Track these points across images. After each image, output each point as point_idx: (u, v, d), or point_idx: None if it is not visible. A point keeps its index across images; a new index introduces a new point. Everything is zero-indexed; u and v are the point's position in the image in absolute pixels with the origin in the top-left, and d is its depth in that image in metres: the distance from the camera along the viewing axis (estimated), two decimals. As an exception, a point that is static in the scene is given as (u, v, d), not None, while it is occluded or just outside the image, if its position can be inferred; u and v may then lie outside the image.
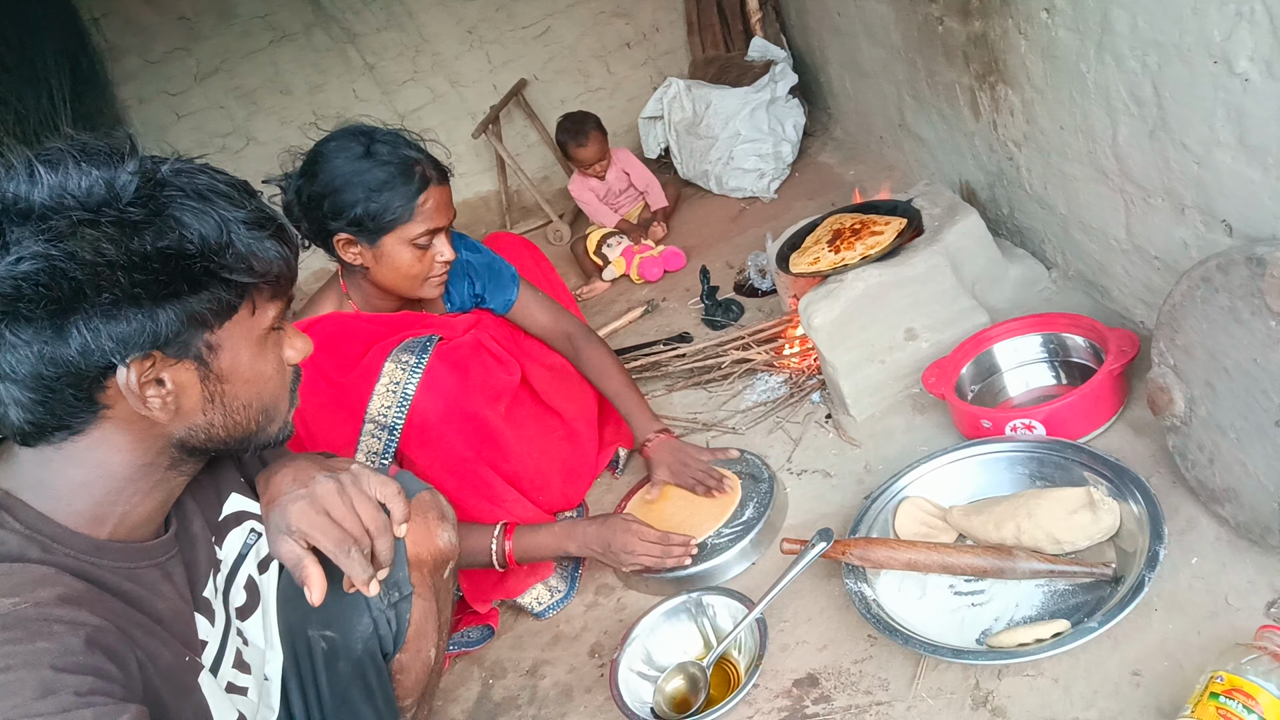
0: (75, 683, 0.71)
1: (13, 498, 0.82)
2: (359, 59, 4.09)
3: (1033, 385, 1.60)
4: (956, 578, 1.26)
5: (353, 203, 1.47)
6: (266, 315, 0.89)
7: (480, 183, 4.38)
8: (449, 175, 1.58)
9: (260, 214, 0.86)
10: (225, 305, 0.84)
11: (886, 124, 2.69)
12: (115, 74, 3.96)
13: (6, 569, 0.76)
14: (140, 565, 0.87)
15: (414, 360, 1.54)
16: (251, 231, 0.84)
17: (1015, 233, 1.96)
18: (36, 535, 0.80)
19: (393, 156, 1.49)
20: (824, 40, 3.12)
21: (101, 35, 3.89)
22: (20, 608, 0.72)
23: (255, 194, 0.89)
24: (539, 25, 4.14)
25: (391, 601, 1.12)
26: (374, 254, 1.54)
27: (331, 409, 1.52)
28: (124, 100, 4.01)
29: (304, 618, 1.11)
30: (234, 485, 1.07)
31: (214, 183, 0.84)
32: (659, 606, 1.43)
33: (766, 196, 3.26)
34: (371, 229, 1.50)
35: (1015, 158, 1.80)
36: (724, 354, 2.20)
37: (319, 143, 1.53)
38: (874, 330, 1.73)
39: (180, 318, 0.81)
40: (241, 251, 0.83)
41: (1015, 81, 1.66)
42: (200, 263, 0.80)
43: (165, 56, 3.98)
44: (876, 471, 1.61)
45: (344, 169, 1.47)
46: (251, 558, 1.05)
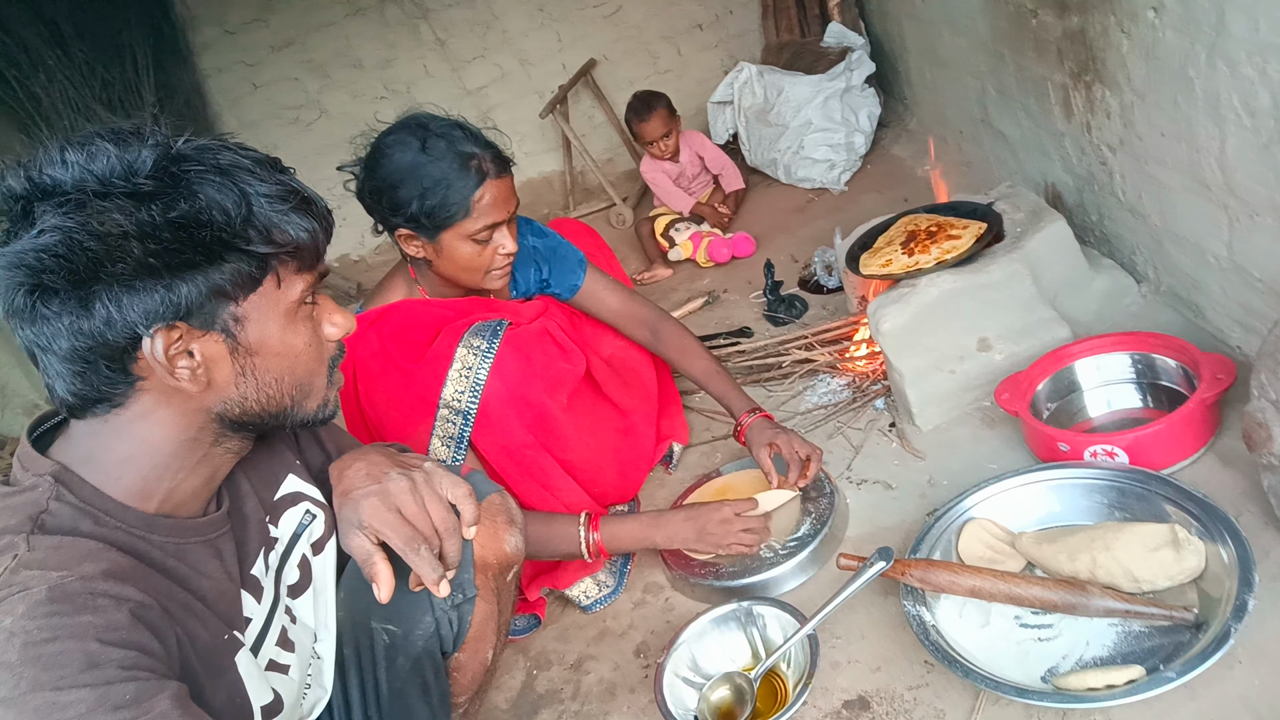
0: (119, 656, 0.72)
1: (69, 472, 0.83)
2: (430, 34, 4.10)
3: (1116, 408, 1.52)
4: (1024, 609, 1.20)
5: (409, 199, 1.46)
6: (294, 288, 0.88)
7: (545, 162, 4.37)
8: (510, 165, 1.56)
9: (285, 188, 0.86)
10: (247, 277, 0.83)
11: (966, 118, 2.58)
12: (195, 43, 4.04)
13: (56, 542, 0.77)
14: (190, 541, 0.88)
15: (485, 345, 1.53)
16: (274, 204, 0.84)
17: (1103, 241, 1.86)
18: (89, 508, 0.82)
19: (449, 151, 1.47)
20: (903, 28, 3.00)
21: (183, 4, 3.97)
22: (67, 581, 0.73)
23: (284, 170, 0.89)
24: (609, 4, 4.09)
25: (455, 603, 1.12)
26: (434, 248, 1.53)
27: (402, 396, 1.53)
28: (203, 69, 4.10)
29: (368, 610, 1.11)
30: (290, 467, 1.08)
31: (237, 158, 0.84)
32: (708, 612, 1.40)
33: (836, 188, 3.17)
34: (429, 225, 1.49)
35: (1108, 162, 1.70)
36: (785, 352, 2.15)
37: (379, 136, 1.52)
38: (945, 338, 1.66)
39: (202, 289, 0.81)
40: (262, 224, 0.83)
41: (1113, 82, 1.57)
42: (217, 233, 0.80)
43: (242, 27, 4.05)
44: (940, 486, 1.55)
45: (401, 165, 1.46)
46: (305, 538, 1.06)
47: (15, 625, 0.69)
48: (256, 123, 4.23)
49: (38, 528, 0.78)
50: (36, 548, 0.76)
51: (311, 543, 1.07)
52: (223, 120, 4.21)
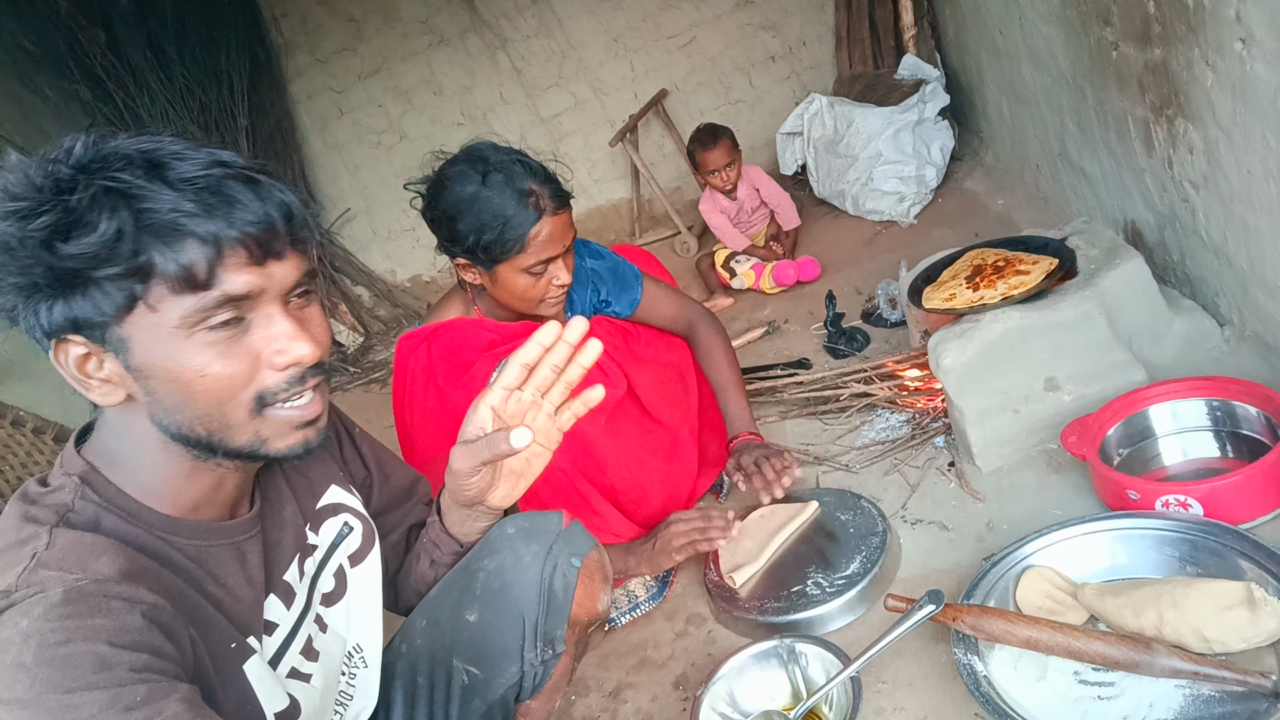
0: (131, 659, 0.73)
1: (95, 472, 0.85)
2: (508, 63, 4.23)
3: (1191, 456, 1.44)
4: (1083, 664, 1.14)
5: (467, 233, 1.49)
6: (170, 312, 0.78)
7: (613, 190, 4.43)
8: (569, 199, 1.57)
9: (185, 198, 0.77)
10: (114, 304, 0.78)
11: (1044, 153, 2.51)
12: (288, 69, 4.26)
13: (76, 539, 0.79)
14: (214, 544, 0.89)
15: None
16: (169, 216, 0.76)
17: (1184, 282, 1.77)
18: (112, 508, 0.83)
19: (507, 187, 1.48)
20: (981, 61, 2.95)
21: (279, 32, 4.20)
22: (80, 583, 0.74)
23: (209, 169, 0.80)
24: (684, 35, 4.14)
25: (544, 658, 1.11)
26: (489, 278, 1.56)
27: (436, 416, 1.55)
28: (294, 95, 4.32)
29: (452, 647, 1.11)
30: (334, 477, 1.10)
31: (133, 174, 0.77)
32: (749, 648, 1.37)
33: (905, 221, 3.12)
34: (485, 258, 1.52)
35: (1191, 200, 1.63)
36: (844, 385, 2.10)
37: (442, 166, 1.56)
38: (1010, 377, 1.60)
39: (82, 308, 0.77)
40: (129, 248, 0.76)
41: (1197, 117, 1.50)
42: (75, 260, 0.76)
43: (333, 55, 4.25)
44: (1000, 531, 1.49)
45: (460, 197, 1.49)
46: (343, 549, 1.07)
47: (31, 627, 0.71)
48: (341, 145, 4.41)
49: (62, 523, 0.80)
50: (56, 544, 0.77)
51: (349, 554, 1.08)
52: (309, 143, 4.41)
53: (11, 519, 0.82)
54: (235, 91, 3.92)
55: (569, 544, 1.12)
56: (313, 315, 0.89)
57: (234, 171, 0.81)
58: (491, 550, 1.12)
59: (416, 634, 1.15)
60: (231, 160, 0.82)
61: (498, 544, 1.12)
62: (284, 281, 0.84)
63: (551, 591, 1.09)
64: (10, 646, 0.70)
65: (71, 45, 3.59)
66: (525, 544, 1.10)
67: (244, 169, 0.82)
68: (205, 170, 0.79)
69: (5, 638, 0.71)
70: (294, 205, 0.84)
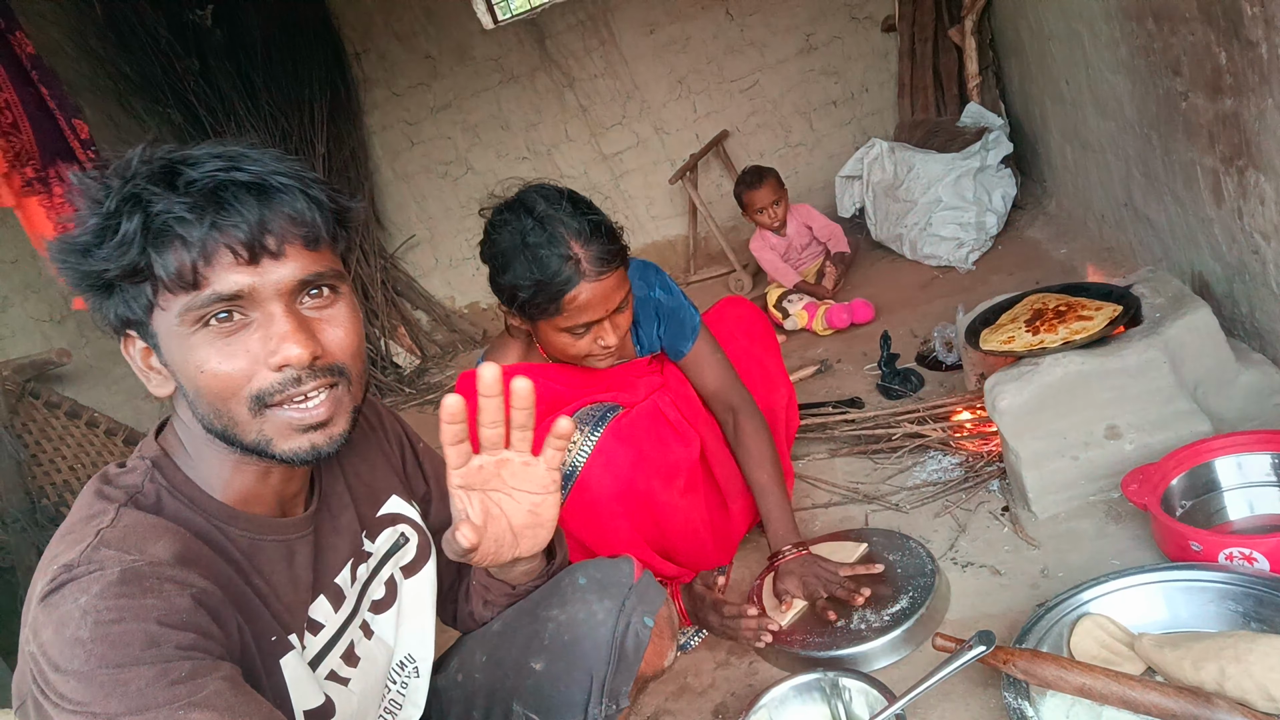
0: (178, 638, 0.76)
1: (167, 458, 0.90)
2: (574, 101, 4.35)
3: (1258, 511, 1.39)
4: (1138, 717, 1.10)
5: (508, 286, 1.46)
6: (171, 309, 0.82)
7: (671, 226, 4.50)
8: (618, 259, 1.46)
9: (183, 205, 0.80)
10: (139, 304, 0.83)
11: (1109, 202, 2.49)
12: (365, 102, 4.45)
13: (140, 518, 0.83)
14: (265, 539, 0.92)
15: (582, 438, 1.55)
16: (165, 223, 0.80)
17: (1253, 335, 1.73)
18: (178, 493, 0.88)
19: (549, 246, 1.41)
20: (1045, 109, 2.94)
21: (359, 68, 4.40)
22: (137, 564, 0.78)
23: (208, 179, 0.81)
24: (747, 79, 4.22)
25: (608, 714, 1.10)
26: (532, 328, 1.53)
27: None
28: (369, 126, 4.50)
29: (514, 690, 1.11)
30: (396, 489, 1.12)
31: (147, 185, 0.81)
32: (792, 679, 1.36)
33: (963, 267, 3.10)
34: (525, 314, 1.48)
35: (1261, 251, 1.60)
36: (896, 425, 2.09)
37: (495, 210, 1.50)
38: (1069, 422, 1.58)
39: (122, 308, 0.84)
40: (136, 251, 0.80)
41: (1269, 168, 1.48)
42: (107, 265, 0.81)
43: (408, 90, 4.43)
44: (1055, 579, 1.46)
45: (502, 250, 1.45)
46: (397, 559, 1.09)
47: (89, 604, 0.75)
48: (411, 175, 4.58)
49: (130, 503, 0.84)
50: (120, 523, 0.82)
51: (402, 565, 1.10)
52: (380, 172, 4.58)
53: (88, 495, 0.87)
54: (315, 121, 4.10)
55: (642, 600, 1.11)
56: (333, 316, 0.88)
57: (245, 177, 0.82)
58: (562, 601, 1.11)
59: (476, 668, 1.16)
60: (252, 166, 0.83)
61: (568, 595, 1.12)
62: (284, 281, 0.83)
63: (623, 650, 1.09)
64: (70, 621, 0.75)
65: (167, 72, 3.81)
66: (598, 598, 1.10)
67: (260, 175, 0.83)
68: (210, 174, 0.81)
69: (65, 611, 0.75)
70: (304, 210, 0.84)
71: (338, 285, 0.89)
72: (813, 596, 1.54)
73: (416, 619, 1.12)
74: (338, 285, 0.89)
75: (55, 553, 0.81)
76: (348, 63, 4.37)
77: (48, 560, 0.82)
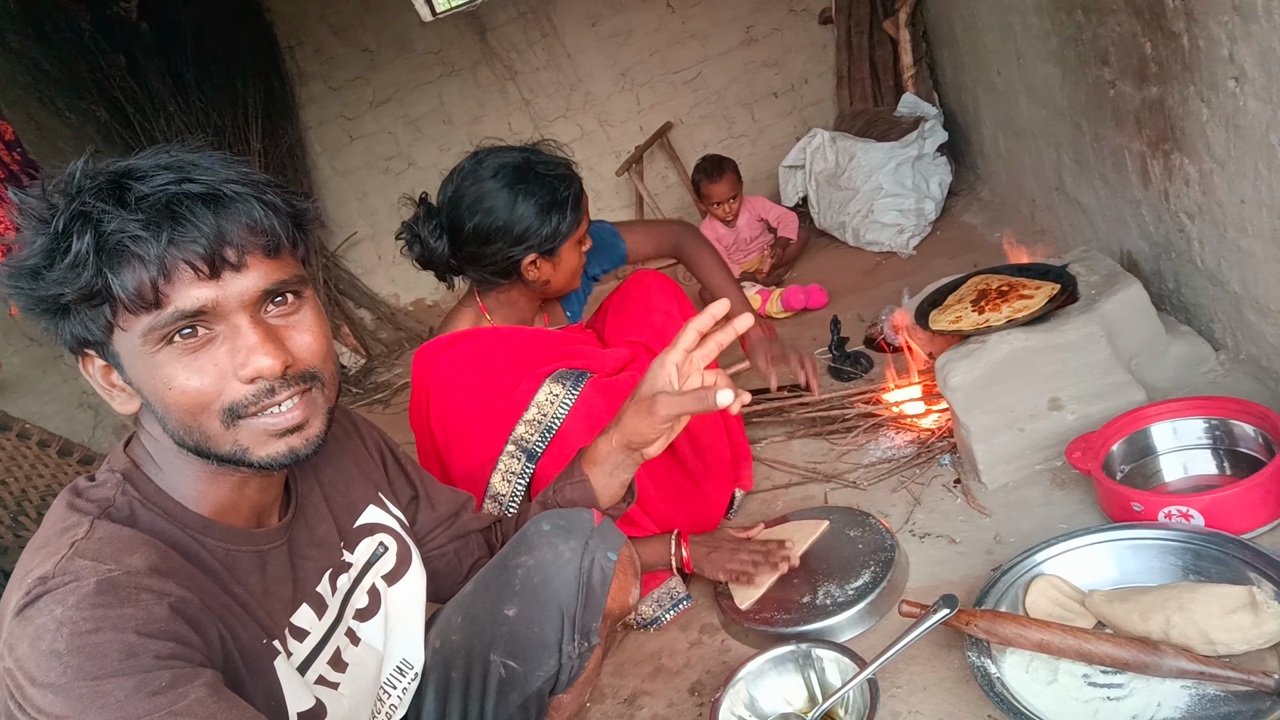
0: (156, 647, 0.76)
1: (138, 470, 0.89)
2: (517, 94, 4.33)
3: (1192, 472, 1.49)
4: (1093, 667, 1.18)
5: (539, 224, 1.58)
6: (134, 329, 0.81)
7: (617, 218, 4.50)
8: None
9: (132, 224, 0.79)
10: (97, 325, 0.82)
11: (1041, 187, 2.60)
12: (301, 97, 4.35)
13: (114, 531, 0.82)
14: (239, 549, 0.92)
15: (564, 392, 1.59)
16: (116, 244, 0.78)
17: (1180, 309, 1.84)
18: (150, 504, 0.87)
19: (551, 170, 1.60)
20: (978, 99, 3.06)
21: (294, 62, 4.29)
22: (113, 574, 0.78)
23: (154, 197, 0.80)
24: (690, 70, 4.26)
25: (579, 651, 1.14)
26: (552, 265, 1.66)
27: (478, 428, 1.59)
28: (306, 121, 4.40)
29: (490, 642, 1.13)
30: (373, 499, 1.13)
31: (97, 202, 0.79)
32: (766, 653, 1.40)
33: (905, 252, 3.20)
34: (555, 244, 1.62)
35: (1186, 230, 1.70)
36: (849, 406, 2.16)
37: (463, 180, 1.60)
38: (1015, 396, 1.66)
39: (79, 327, 0.83)
40: (91, 272, 0.79)
41: (1192, 151, 1.58)
42: (54, 288, 0.80)
43: (346, 84, 4.34)
44: (1007, 544, 1.53)
45: (517, 196, 1.57)
46: (377, 568, 1.10)
47: (65, 615, 0.74)
48: (351, 171, 4.49)
49: (103, 516, 0.84)
50: (94, 534, 0.81)
51: (383, 574, 1.11)
52: (319, 168, 4.48)
53: (59, 509, 0.86)
54: (250, 117, 3.99)
55: (604, 539, 1.15)
56: (299, 322, 0.88)
57: (198, 188, 0.81)
58: (529, 547, 1.15)
59: (453, 630, 1.18)
60: (203, 176, 0.82)
61: (535, 541, 1.15)
62: (247, 292, 0.83)
63: (590, 585, 1.12)
64: (45, 633, 0.74)
65: (92, 69, 3.66)
66: (563, 540, 1.14)
67: (212, 186, 0.82)
68: (161, 188, 0.80)
69: (41, 624, 0.74)
70: (261, 219, 0.83)
71: (301, 290, 0.88)
72: (728, 575, 1.61)
73: (405, 625, 1.13)
74: (301, 290, 0.88)
75: (29, 566, 0.80)
76: (282, 56, 4.26)
77: (20, 574, 0.80)
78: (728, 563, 1.60)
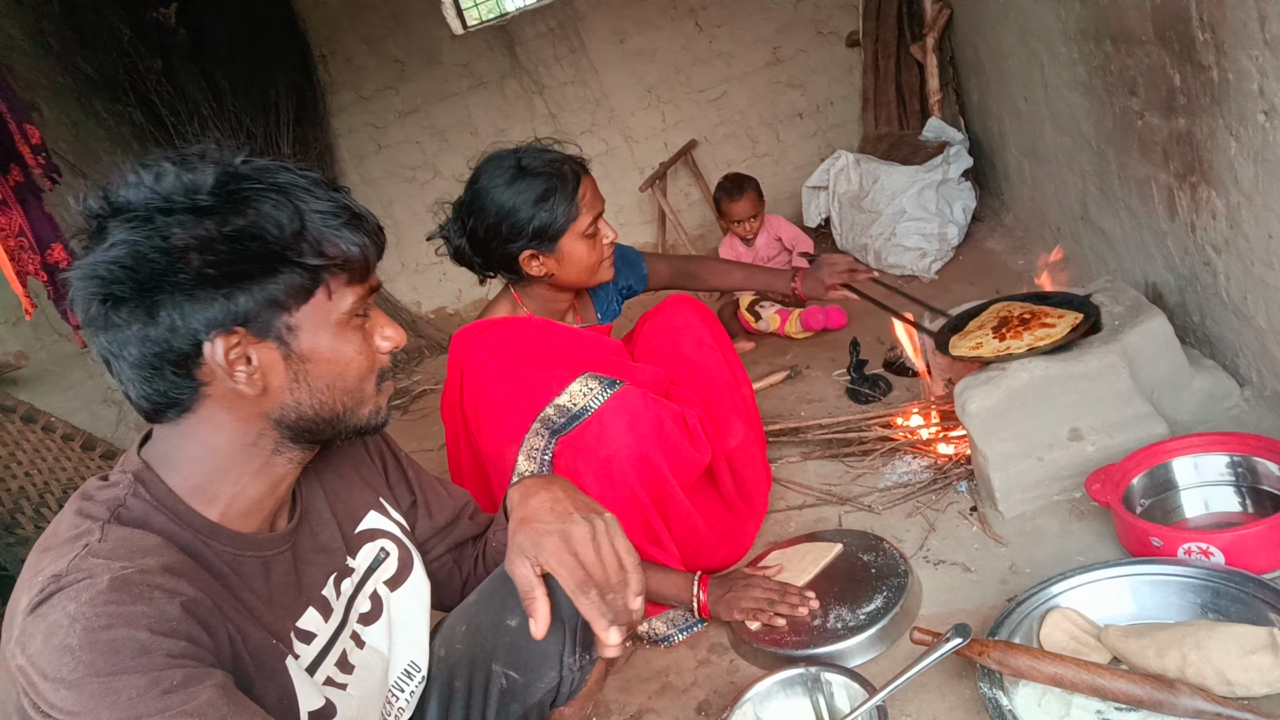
0: (169, 646, 0.76)
1: (150, 471, 0.90)
2: (544, 108, 4.37)
3: (1213, 509, 1.47)
4: (1106, 703, 1.16)
5: (526, 220, 1.62)
6: (345, 300, 0.92)
7: (640, 234, 4.53)
8: (588, 166, 1.74)
9: (337, 204, 0.91)
10: (299, 289, 0.88)
11: (1065, 215, 2.59)
12: (331, 105, 4.41)
13: (127, 534, 0.84)
14: (244, 554, 0.93)
15: (599, 388, 1.61)
16: (327, 220, 0.89)
17: (1204, 342, 1.82)
18: (161, 507, 0.88)
19: (543, 165, 1.63)
20: (1004, 125, 3.05)
21: (326, 70, 4.36)
22: (126, 572, 0.79)
23: (338, 189, 0.93)
24: (715, 89, 4.29)
25: (582, 664, 1.14)
26: (555, 259, 1.68)
27: (509, 407, 1.61)
28: (335, 130, 4.46)
29: (492, 652, 1.14)
30: (373, 505, 1.14)
31: (294, 177, 0.90)
32: (775, 675, 1.39)
33: (926, 276, 3.19)
34: (550, 236, 1.64)
35: (1213, 263, 1.69)
36: (866, 429, 2.15)
37: (471, 182, 1.68)
38: (1034, 424, 1.65)
39: (258, 299, 0.86)
40: (313, 238, 0.88)
41: (1220, 183, 1.57)
42: (270, 247, 0.86)
43: (375, 94, 4.40)
44: (1023, 574, 1.52)
45: (506, 193, 1.62)
46: (379, 573, 1.11)
47: (78, 611, 0.75)
48: (377, 180, 4.54)
49: (114, 519, 0.84)
50: (108, 537, 0.82)
51: (385, 580, 1.12)
52: (346, 176, 4.54)
53: (68, 515, 0.87)
54: (281, 123, 4.06)
55: None
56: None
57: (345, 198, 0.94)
58: None
59: (456, 639, 1.18)
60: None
61: None
62: (375, 283, 0.97)
63: None
64: (59, 629, 0.75)
65: (129, 72, 3.74)
66: None
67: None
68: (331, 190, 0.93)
69: (54, 620, 0.75)
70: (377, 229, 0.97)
71: None
72: (744, 615, 1.57)
73: (410, 630, 1.13)
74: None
75: (41, 566, 0.81)
76: (314, 65, 4.33)
77: (31, 573, 0.81)
78: (742, 601, 1.58)
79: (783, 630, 1.54)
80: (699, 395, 1.86)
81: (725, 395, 1.88)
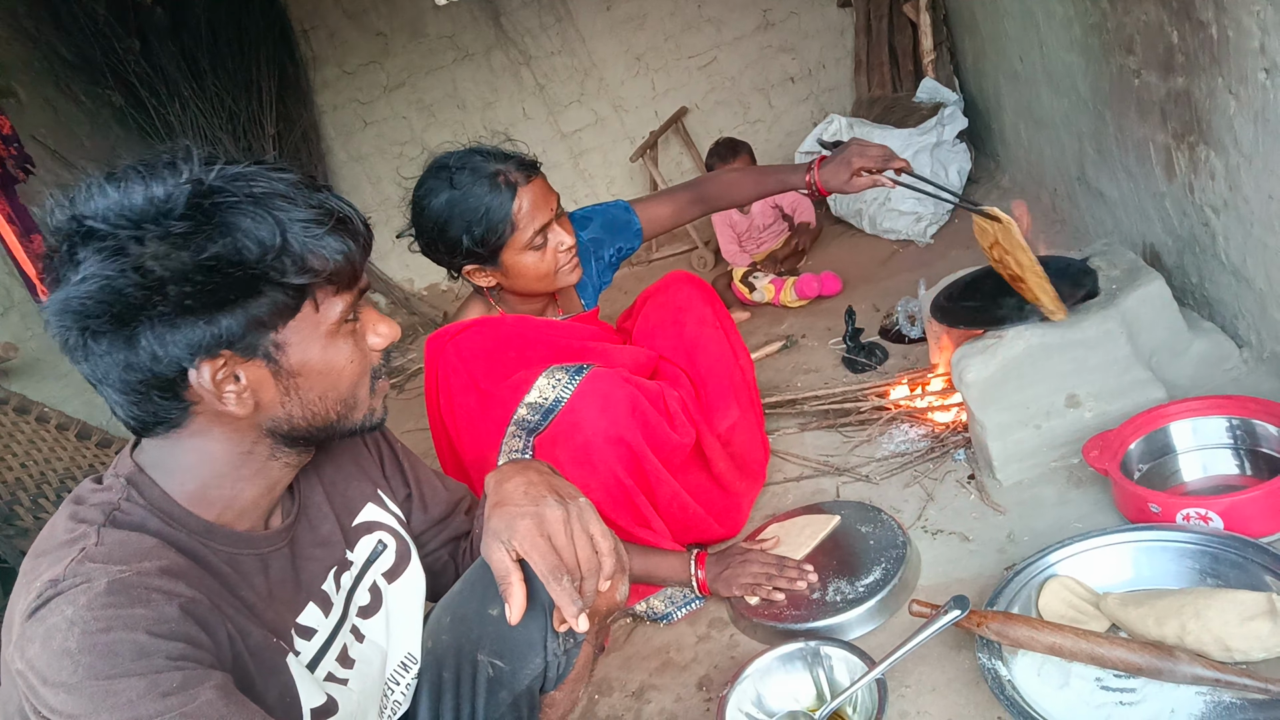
0: (168, 648, 0.76)
1: (143, 474, 0.89)
2: (531, 80, 4.30)
3: (1211, 473, 1.46)
4: (1105, 671, 1.16)
5: (459, 236, 1.55)
6: (333, 310, 0.90)
7: (632, 204, 4.49)
8: (538, 166, 1.62)
9: (321, 210, 0.86)
10: (284, 307, 0.86)
11: (1061, 176, 2.56)
12: (315, 81, 4.34)
13: (123, 537, 0.83)
14: (242, 552, 0.93)
15: (566, 379, 1.58)
16: (309, 230, 0.85)
17: (1203, 304, 1.81)
18: (156, 510, 0.87)
19: (475, 179, 1.53)
20: (999, 86, 3.00)
21: (308, 46, 4.28)
22: (124, 575, 0.78)
23: (320, 188, 0.89)
24: (705, 56, 4.21)
25: (566, 647, 1.13)
26: (500, 273, 1.61)
27: (478, 416, 1.59)
28: (320, 106, 4.39)
29: (477, 641, 1.13)
30: (371, 496, 1.13)
31: (272, 184, 0.85)
32: (775, 650, 1.39)
33: (921, 241, 3.16)
34: (486, 252, 1.57)
35: (1211, 224, 1.67)
36: (863, 399, 2.14)
37: (413, 193, 1.62)
38: (1031, 393, 1.63)
39: (241, 321, 0.83)
40: (297, 253, 0.84)
41: (1219, 144, 1.54)
42: (250, 270, 0.82)
43: (360, 68, 4.33)
44: (1021, 543, 1.52)
45: (439, 209, 1.55)
46: (378, 566, 1.11)
47: (76, 615, 0.75)
48: (365, 156, 4.49)
49: (109, 523, 0.84)
50: (104, 541, 0.81)
51: (383, 572, 1.11)
52: (334, 153, 4.48)
53: (62, 519, 0.86)
54: (264, 101, 3.99)
55: None
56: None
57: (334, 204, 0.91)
58: None
59: (442, 630, 1.17)
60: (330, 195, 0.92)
61: None
62: (364, 285, 0.95)
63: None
64: (57, 633, 0.74)
65: (107, 53, 3.67)
66: None
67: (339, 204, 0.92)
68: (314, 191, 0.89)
69: (53, 624, 0.75)
70: (366, 230, 0.95)
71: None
72: (742, 590, 1.57)
73: (407, 622, 1.13)
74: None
75: (37, 571, 0.81)
76: (295, 41, 4.25)
77: (28, 578, 0.81)
78: (740, 577, 1.57)
79: (782, 604, 1.54)
80: (698, 376, 1.84)
81: (725, 376, 1.86)
